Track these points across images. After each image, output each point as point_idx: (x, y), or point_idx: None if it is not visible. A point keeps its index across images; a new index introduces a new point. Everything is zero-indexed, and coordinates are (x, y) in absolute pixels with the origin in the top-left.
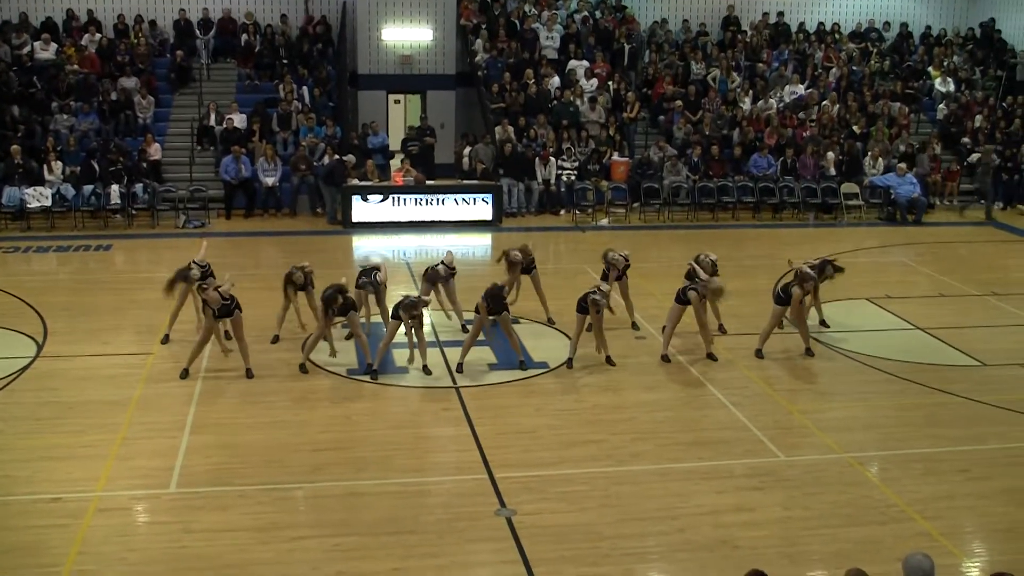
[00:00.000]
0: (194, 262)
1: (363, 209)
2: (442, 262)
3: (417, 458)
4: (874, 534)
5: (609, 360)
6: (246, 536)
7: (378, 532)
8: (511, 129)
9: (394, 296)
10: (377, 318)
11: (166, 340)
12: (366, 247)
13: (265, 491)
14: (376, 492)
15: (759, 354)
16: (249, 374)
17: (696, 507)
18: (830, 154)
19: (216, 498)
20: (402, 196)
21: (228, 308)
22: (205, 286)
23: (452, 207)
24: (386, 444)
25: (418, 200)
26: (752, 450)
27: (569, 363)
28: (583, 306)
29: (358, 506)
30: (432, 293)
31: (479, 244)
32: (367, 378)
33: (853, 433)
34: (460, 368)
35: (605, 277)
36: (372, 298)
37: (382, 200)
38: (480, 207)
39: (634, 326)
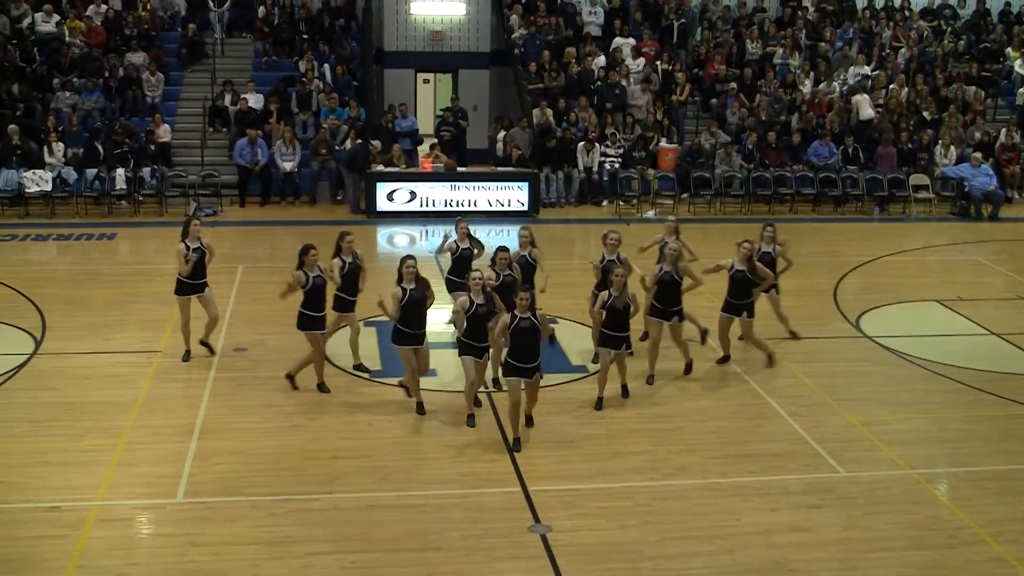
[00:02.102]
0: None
1: (388, 198)
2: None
3: (443, 468)
4: (942, 559)
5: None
6: (257, 551)
7: (400, 548)
8: (550, 112)
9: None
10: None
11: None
12: (392, 239)
13: (278, 502)
14: (398, 505)
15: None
16: (322, 388)
17: (747, 526)
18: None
19: (225, 509)
20: (431, 184)
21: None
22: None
23: (485, 196)
24: (410, 452)
25: (448, 189)
26: (809, 464)
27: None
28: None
29: (379, 520)
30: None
31: (513, 236)
32: (392, 381)
33: (920, 447)
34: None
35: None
36: None
37: (409, 200)
38: (515, 197)
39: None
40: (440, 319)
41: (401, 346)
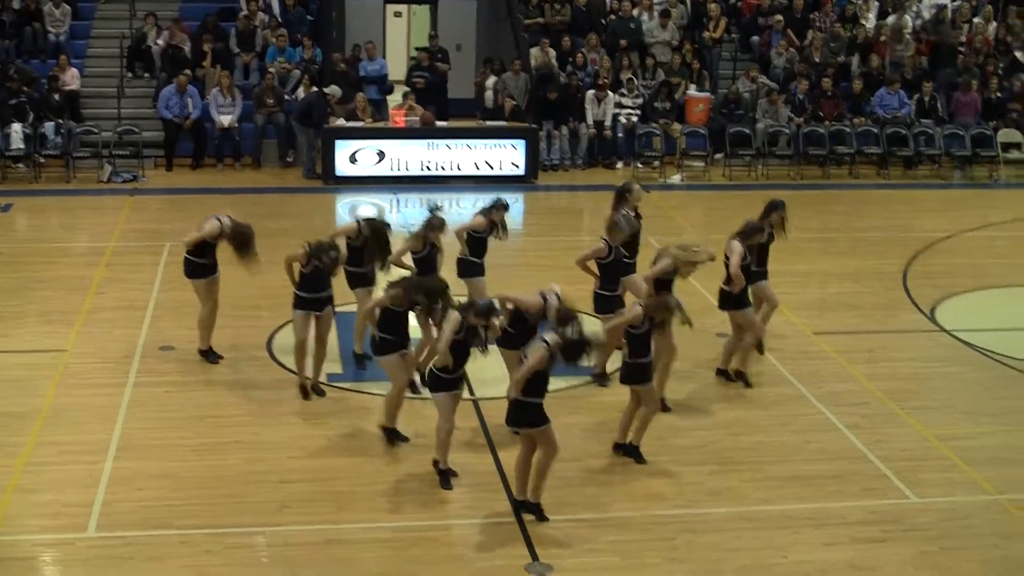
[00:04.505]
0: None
1: (350, 159)
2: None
3: (420, 494)
4: None
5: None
6: None
7: None
8: (552, 53)
9: None
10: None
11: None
12: (355, 210)
13: (214, 536)
14: (363, 539)
15: (734, 376)
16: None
17: (796, 564)
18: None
19: (149, 545)
20: (404, 142)
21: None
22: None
23: (471, 157)
24: (378, 475)
25: (425, 148)
26: (872, 488)
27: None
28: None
29: (339, 558)
30: None
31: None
32: (350, 386)
33: (1011, 467)
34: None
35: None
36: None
37: (377, 162)
38: (509, 157)
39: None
40: None
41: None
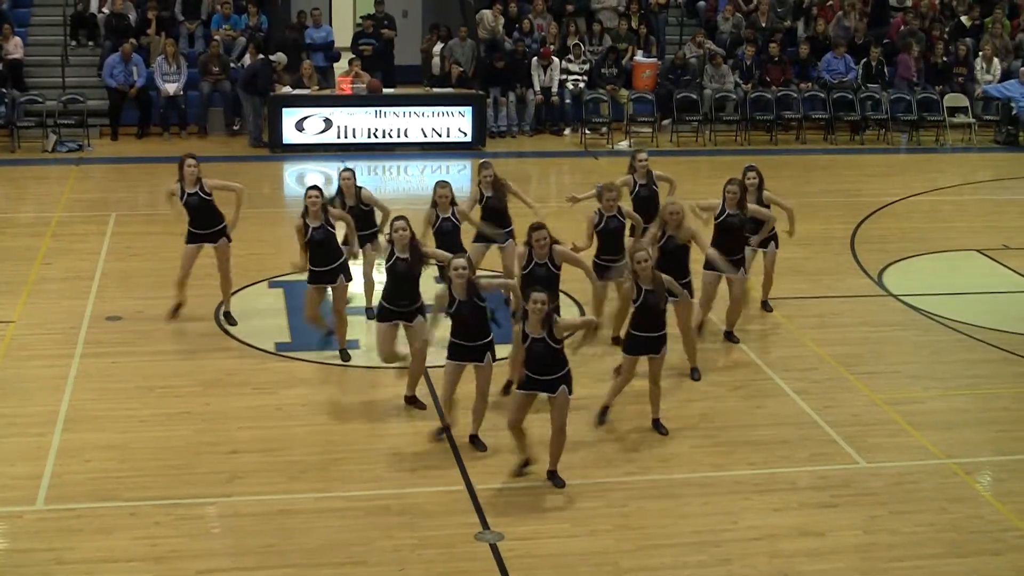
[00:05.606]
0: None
1: (297, 127)
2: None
3: (370, 463)
4: (986, 567)
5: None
6: (138, 568)
7: (316, 563)
8: (501, 20)
9: None
10: None
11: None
12: (303, 178)
13: (164, 508)
14: (315, 509)
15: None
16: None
17: (746, 530)
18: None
19: (98, 517)
20: (351, 110)
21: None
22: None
23: (418, 125)
24: (329, 444)
25: (372, 116)
26: (822, 454)
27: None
28: None
29: (290, 528)
30: None
31: (454, 174)
32: (305, 355)
33: (958, 431)
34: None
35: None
36: None
37: (324, 130)
38: (456, 125)
39: None
40: None
41: (450, 360)
